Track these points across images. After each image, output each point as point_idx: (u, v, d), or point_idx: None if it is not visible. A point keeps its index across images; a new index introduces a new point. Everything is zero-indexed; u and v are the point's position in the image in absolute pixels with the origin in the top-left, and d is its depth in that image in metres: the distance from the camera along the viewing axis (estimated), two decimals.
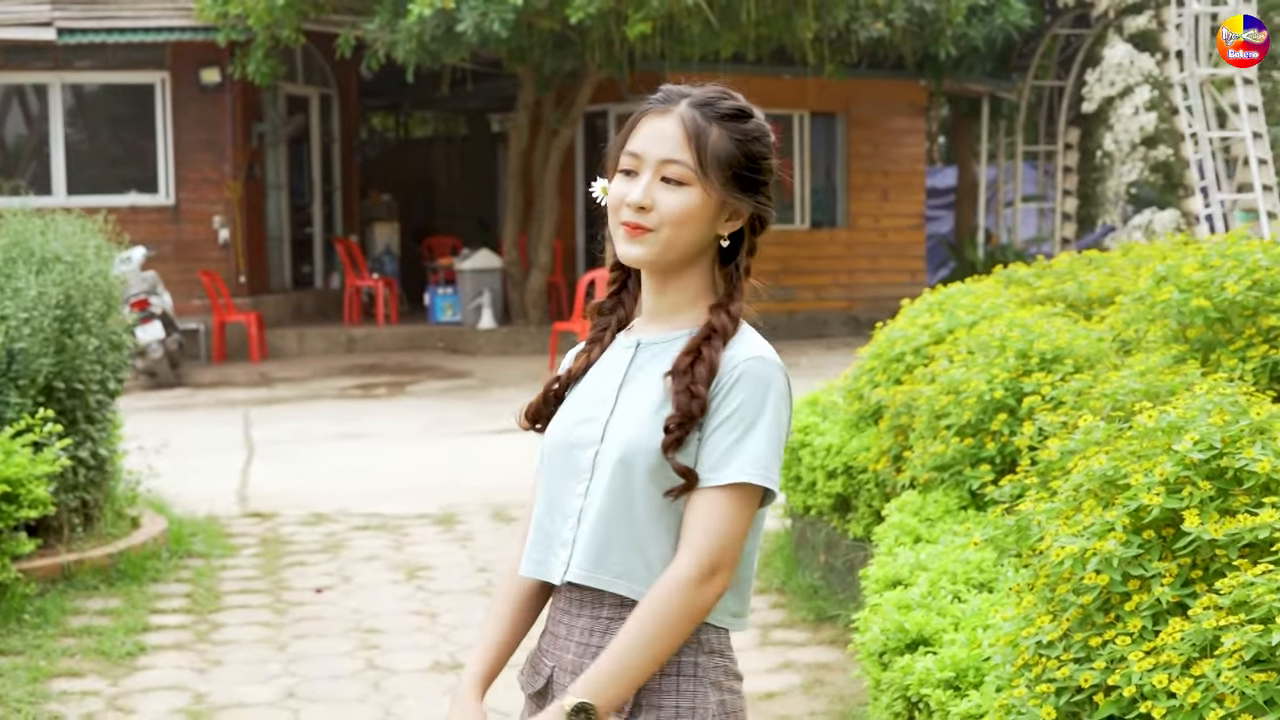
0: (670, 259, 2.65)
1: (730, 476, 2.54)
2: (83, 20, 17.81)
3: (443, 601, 7.50)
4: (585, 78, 18.16)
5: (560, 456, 2.69)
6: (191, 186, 18.91)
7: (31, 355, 7.66)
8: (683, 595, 2.52)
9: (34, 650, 6.64)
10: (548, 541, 2.69)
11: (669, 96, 2.73)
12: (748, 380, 2.59)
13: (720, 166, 2.63)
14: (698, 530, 2.54)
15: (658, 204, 2.62)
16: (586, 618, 2.65)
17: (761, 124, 2.73)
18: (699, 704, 2.59)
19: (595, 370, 2.76)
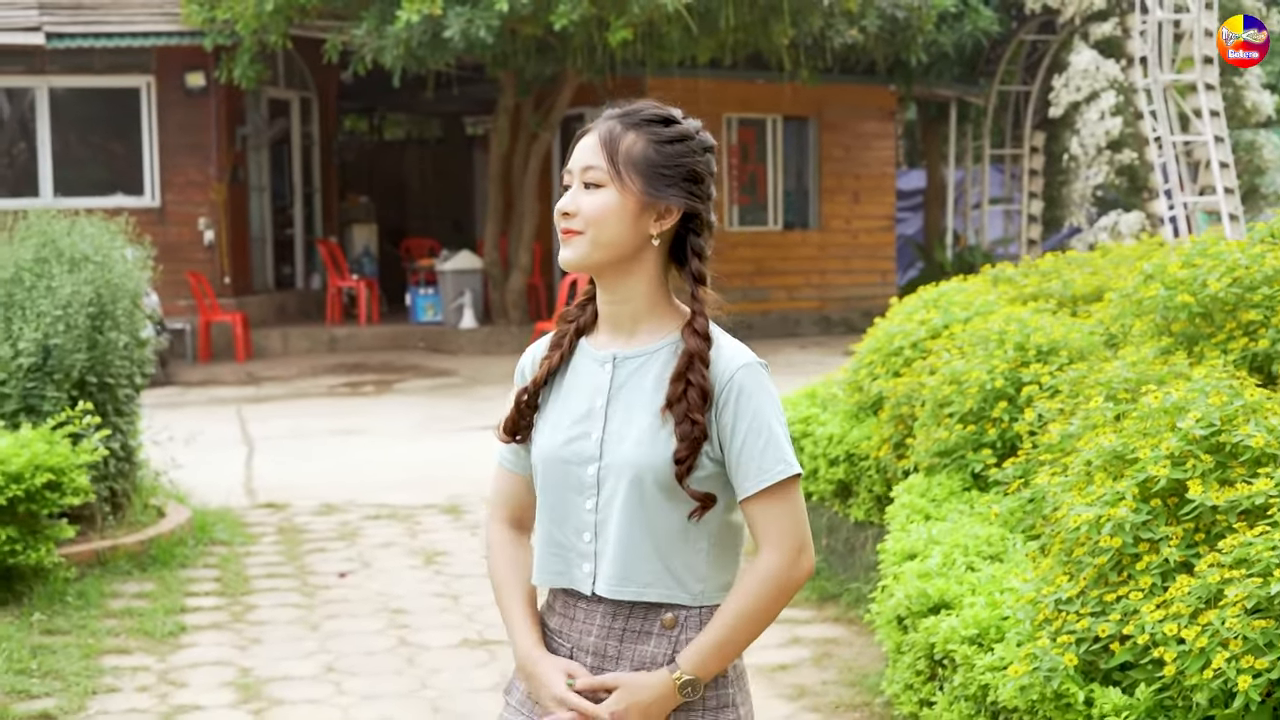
0: (600, 259, 2.80)
1: (779, 475, 2.74)
2: (71, 25, 18.10)
3: (463, 584, 7.89)
4: (565, 82, 18.55)
5: (558, 472, 2.83)
6: (177, 189, 19.21)
7: (66, 351, 8.01)
8: (781, 579, 2.74)
9: (80, 630, 6.99)
10: (563, 554, 2.84)
11: (604, 117, 2.87)
12: (750, 389, 2.78)
13: (634, 166, 2.77)
14: (772, 528, 2.75)
15: (580, 207, 2.79)
16: (603, 622, 2.81)
17: (684, 128, 2.84)
18: (727, 672, 2.81)
19: (571, 383, 2.88)
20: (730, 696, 2.82)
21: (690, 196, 2.81)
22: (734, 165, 20.92)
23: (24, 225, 8.90)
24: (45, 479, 7.17)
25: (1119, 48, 20.93)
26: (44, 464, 7.19)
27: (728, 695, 2.81)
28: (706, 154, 2.86)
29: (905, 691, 4.80)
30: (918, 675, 4.69)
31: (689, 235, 2.83)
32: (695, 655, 2.75)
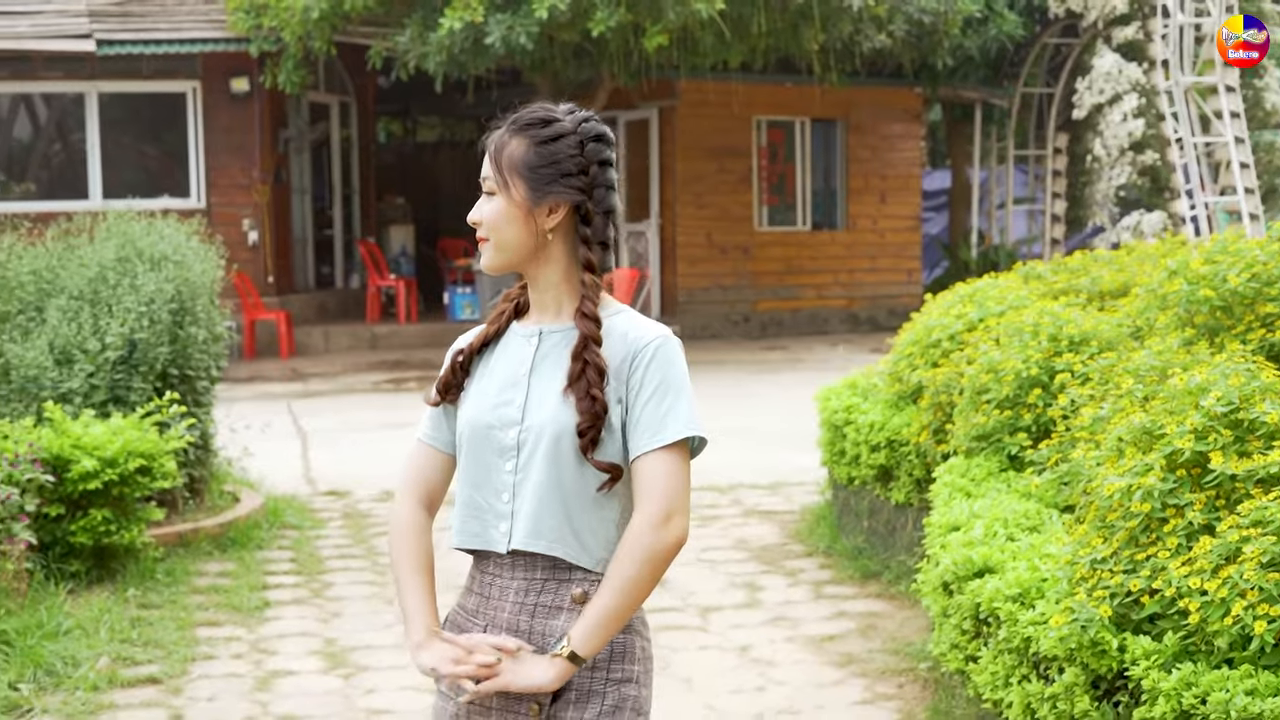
0: (510, 260, 2.96)
1: (672, 436, 2.85)
2: (120, 33, 18.63)
3: None
4: (600, 86, 19.03)
5: (481, 436, 2.96)
6: (221, 191, 19.73)
7: (150, 345, 8.51)
8: (646, 543, 2.83)
9: (172, 605, 7.49)
10: (481, 515, 2.97)
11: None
12: (662, 357, 2.89)
13: (515, 170, 2.92)
14: (649, 487, 2.85)
15: (483, 216, 2.96)
16: (521, 579, 2.93)
17: (563, 126, 2.94)
18: (628, 649, 2.92)
19: (501, 355, 3.03)
20: (634, 673, 2.92)
21: (574, 190, 2.92)
22: (763, 166, 21.40)
23: (104, 227, 9.41)
24: (137, 464, 7.68)
25: (1141, 51, 21.38)
26: (136, 450, 7.70)
27: (632, 671, 2.91)
28: (595, 143, 2.96)
29: (951, 650, 5.26)
30: (963, 634, 5.15)
31: (579, 225, 2.95)
32: (577, 630, 2.84)
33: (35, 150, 20.31)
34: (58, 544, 7.62)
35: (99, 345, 8.42)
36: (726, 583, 7.99)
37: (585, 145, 2.95)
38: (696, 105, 20.46)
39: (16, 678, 6.27)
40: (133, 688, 6.36)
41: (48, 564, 7.50)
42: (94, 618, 7.05)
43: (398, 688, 6.40)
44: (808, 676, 6.50)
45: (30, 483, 7.31)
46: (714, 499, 10.01)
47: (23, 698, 6.13)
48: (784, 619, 7.33)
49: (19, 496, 7.14)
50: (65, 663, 6.48)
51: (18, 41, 18.47)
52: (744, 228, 21.15)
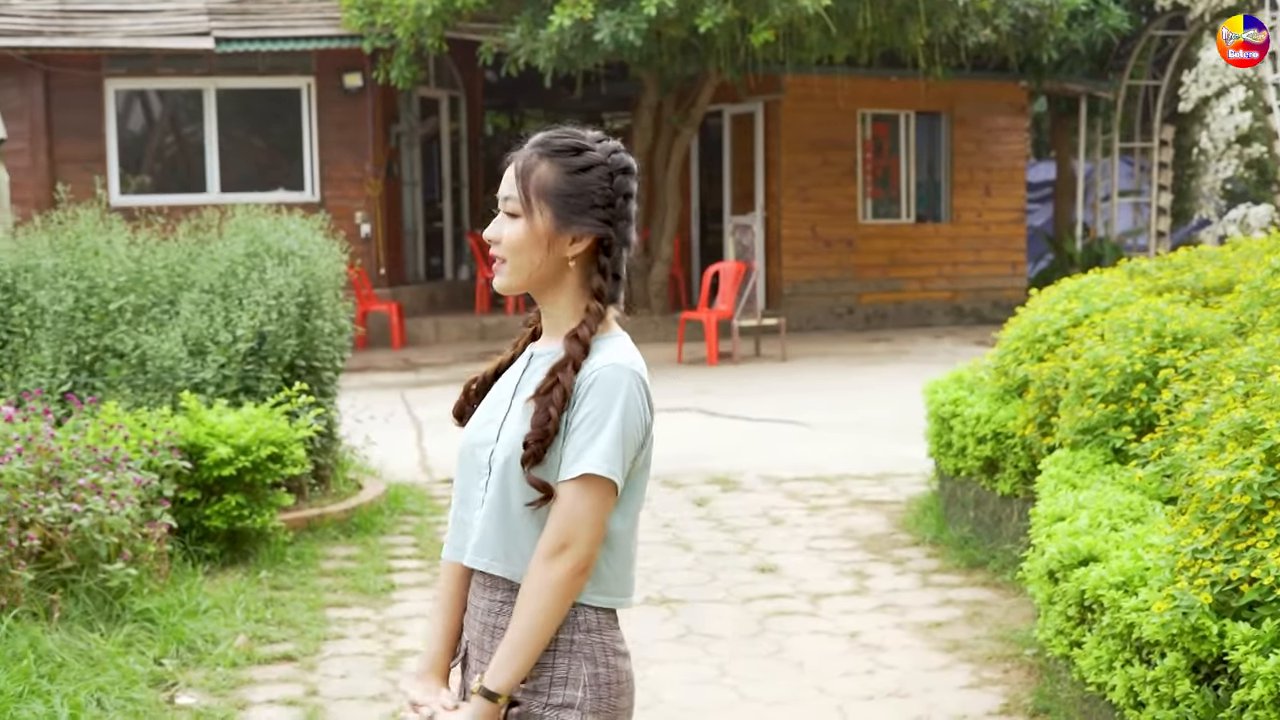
0: (522, 284, 2.98)
1: (579, 469, 2.85)
2: (238, 30, 19.10)
3: (639, 550, 8.62)
4: (706, 81, 19.25)
5: (468, 454, 3.03)
6: (335, 184, 20.17)
7: (279, 337, 8.85)
8: (538, 573, 2.86)
9: (302, 586, 7.83)
10: (462, 529, 3.04)
11: (527, 144, 3.01)
12: (600, 385, 2.88)
13: (545, 196, 2.92)
14: (552, 517, 2.87)
15: (502, 236, 2.97)
16: (486, 600, 2.99)
17: (595, 156, 2.95)
18: (571, 674, 2.91)
19: (504, 376, 3.10)
20: (576, 699, 2.91)
21: (601, 223, 2.95)
22: (868, 160, 21.53)
23: (232, 223, 9.78)
24: (269, 451, 8.02)
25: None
26: (267, 438, 8.04)
27: (574, 697, 2.91)
28: (623, 176, 2.98)
29: (1057, 636, 5.46)
30: (1068, 621, 5.35)
31: (599, 254, 2.98)
32: (491, 666, 2.90)
33: (149, 144, 20.82)
34: (194, 527, 7.98)
35: (230, 337, 8.77)
36: (835, 570, 8.21)
37: (615, 177, 2.96)
38: (802, 99, 20.63)
39: (161, 653, 6.62)
40: (269, 664, 6.69)
41: (185, 546, 7.86)
42: (230, 598, 7.40)
43: None
44: (916, 661, 6.71)
45: (168, 469, 7.68)
46: (822, 489, 10.23)
47: (168, 672, 6.47)
48: (892, 606, 7.54)
49: (158, 482, 7.50)
50: (205, 640, 6.82)
51: (139, 40, 18.99)
52: (848, 221, 21.29)
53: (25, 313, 8.84)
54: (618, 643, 2.99)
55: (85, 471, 7.06)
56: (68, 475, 7.02)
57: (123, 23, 19.27)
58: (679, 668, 6.67)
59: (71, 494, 6.92)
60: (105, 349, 8.79)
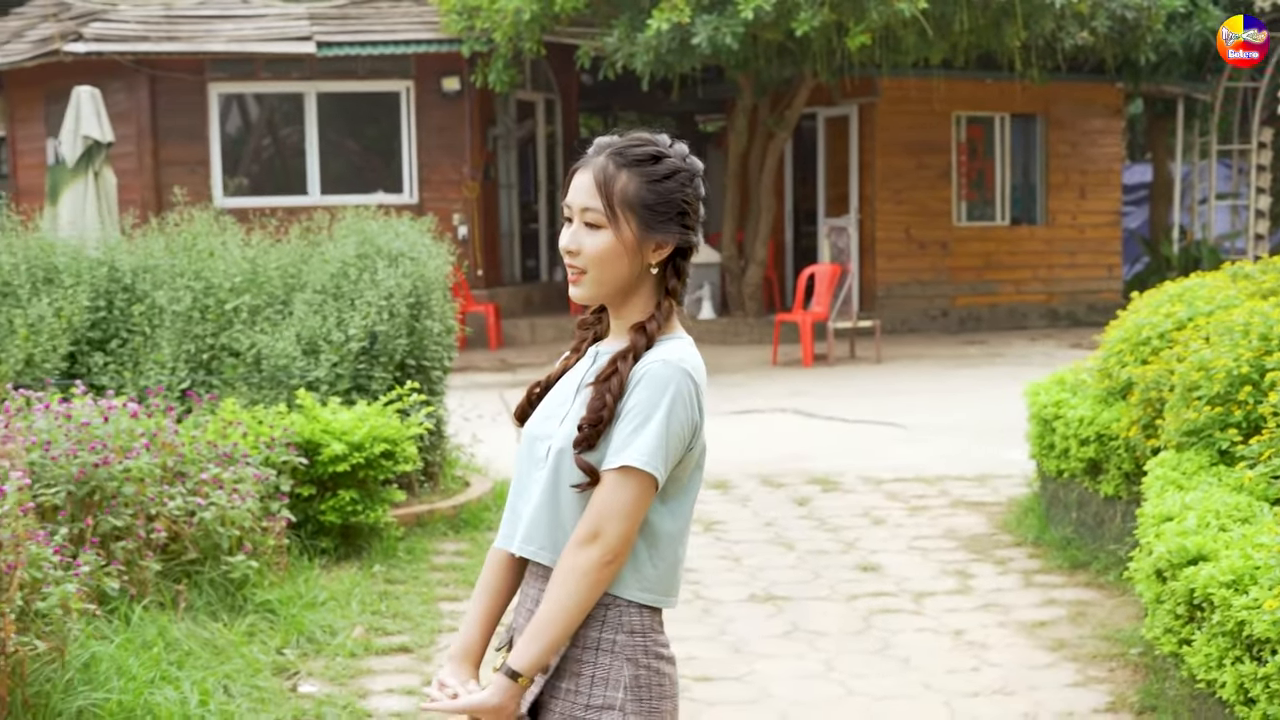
0: (606, 293, 3.00)
1: (620, 460, 2.87)
2: (339, 35, 19.40)
3: (742, 549, 8.77)
4: (801, 84, 19.32)
5: (527, 446, 3.07)
6: (433, 186, 20.43)
7: (390, 337, 9.05)
8: (568, 558, 2.88)
9: (414, 580, 8.01)
10: (514, 519, 3.07)
11: (596, 150, 3.03)
12: (649, 380, 2.91)
13: (629, 207, 2.94)
14: (590, 504, 2.90)
15: (582, 247, 2.97)
16: (536, 589, 3.01)
17: (674, 163, 2.99)
18: (612, 675, 2.92)
19: (568, 375, 3.11)
20: (617, 701, 2.92)
21: (682, 229, 3.00)
22: (962, 162, 21.52)
23: (342, 225, 9.98)
24: (381, 449, 8.21)
25: None
26: (380, 435, 8.23)
27: (615, 699, 2.93)
28: (694, 181, 3.03)
29: (1165, 634, 5.53)
30: (1177, 619, 5.42)
31: (675, 259, 3.04)
32: (517, 646, 2.93)
33: (247, 147, 21.16)
34: (309, 522, 8.18)
35: (343, 337, 8.97)
36: (938, 570, 8.29)
37: (693, 181, 3.02)
38: (897, 102, 20.65)
39: (282, 643, 6.82)
40: (386, 655, 6.87)
41: (301, 540, 8.06)
42: (345, 591, 7.59)
43: None
44: (1020, 659, 6.79)
45: (285, 465, 7.88)
46: (921, 490, 10.31)
47: (289, 661, 6.67)
48: (995, 605, 7.62)
49: (276, 477, 7.71)
50: (324, 631, 7.01)
51: (242, 44, 19.33)
52: (942, 223, 21.30)
53: (145, 312, 9.08)
54: (661, 646, 3.00)
55: (207, 466, 7.28)
56: (190, 470, 7.24)
57: (226, 28, 19.63)
58: (786, 663, 6.78)
59: (195, 488, 7.13)
60: (222, 348, 9.01)
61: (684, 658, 6.82)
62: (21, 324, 8.80)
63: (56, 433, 6.87)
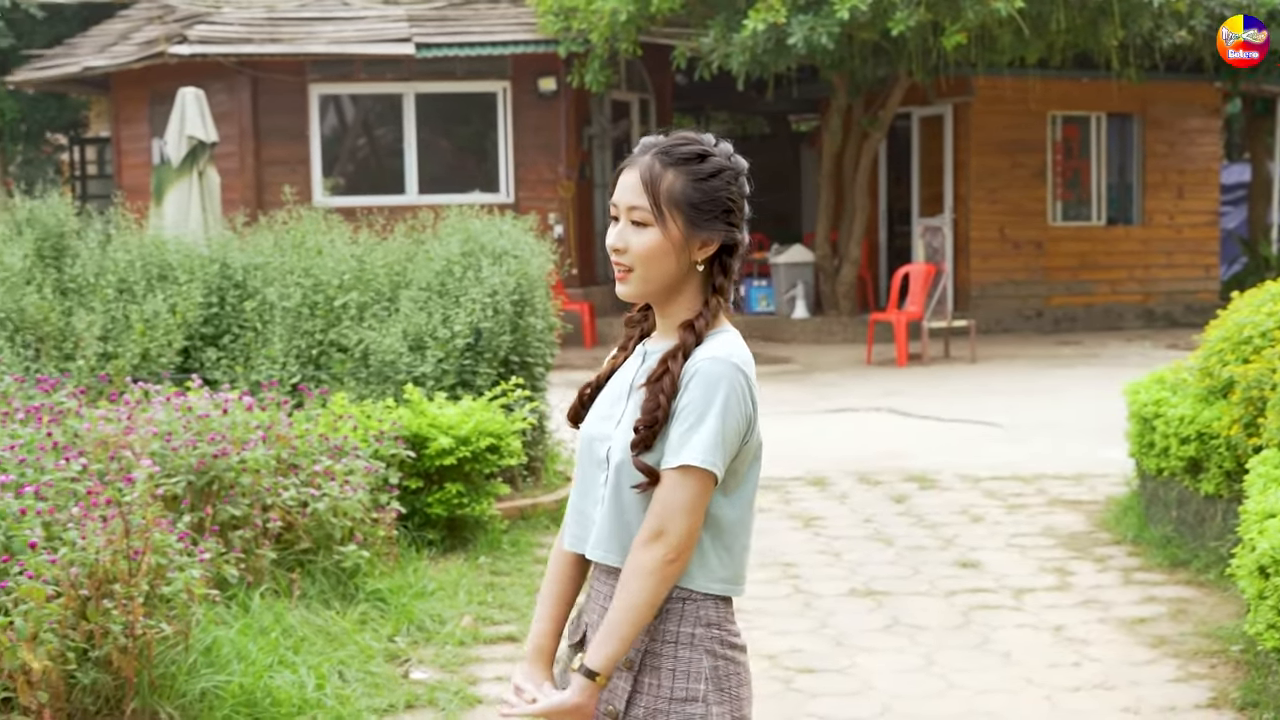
0: (652, 291, 3.03)
1: (679, 460, 2.92)
2: (438, 36, 19.63)
3: (841, 544, 8.85)
4: (896, 83, 19.35)
5: (586, 448, 3.12)
6: (529, 186, 20.62)
7: (494, 334, 9.21)
8: (635, 558, 2.94)
9: (518, 572, 8.16)
10: (583, 521, 3.12)
11: (642, 149, 3.05)
12: (701, 378, 2.94)
13: (675, 205, 2.97)
14: (653, 503, 2.94)
15: (629, 245, 2.99)
16: (607, 587, 3.06)
17: (720, 162, 3.01)
18: (693, 667, 2.99)
19: (619, 373, 3.15)
20: (699, 693, 2.98)
21: (728, 227, 3.03)
22: (1058, 162, 21.45)
23: (446, 223, 10.16)
24: (487, 443, 8.37)
25: None
26: (486, 430, 8.39)
27: (698, 691, 2.98)
28: (739, 179, 3.06)
29: (1268, 630, 5.57)
30: None
31: (721, 256, 3.07)
32: (592, 644, 2.98)
33: (343, 147, 21.44)
34: (416, 514, 8.35)
35: (448, 333, 9.14)
36: (1037, 567, 8.34)
37: (738, 179, 3.05)
38: (992, 101, 20.62)
39: (393, 631, 6.98)
40: (494, 644, 7.03)
41: (409, 532, 8.23)
42: (453, 581, 7.75)
43: None
44: (1121, 655, 6.84)
45: (394, 458, 8.05)
46: (1019, 488, 10.34)
47: (400, 649, 6.83)
48: (1095, 602, 7.66)
49: (385, 470, 7.88)
50: (433, 620, 7.17)
51: (343, 46, 19.60)
52: (1037, 223, 21.24)
53: (256, 308, 9.30)
54: (734, 636, 3.06)
55: (319, 459, 7.46)
56: (303, 462, 7.41)
57: (327, 29, 19.91)
58: (887, 657, 6.86)
59: (307, 480, 7.31)
60: (330, 343, 9.21)
61: (787, 650, 6.93)
62: (138, 320, 9.04)
63: (176, 424, 7.08)
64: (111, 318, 9.15)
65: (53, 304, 9.09)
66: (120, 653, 5.41)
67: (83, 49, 21.74)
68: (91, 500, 5.76)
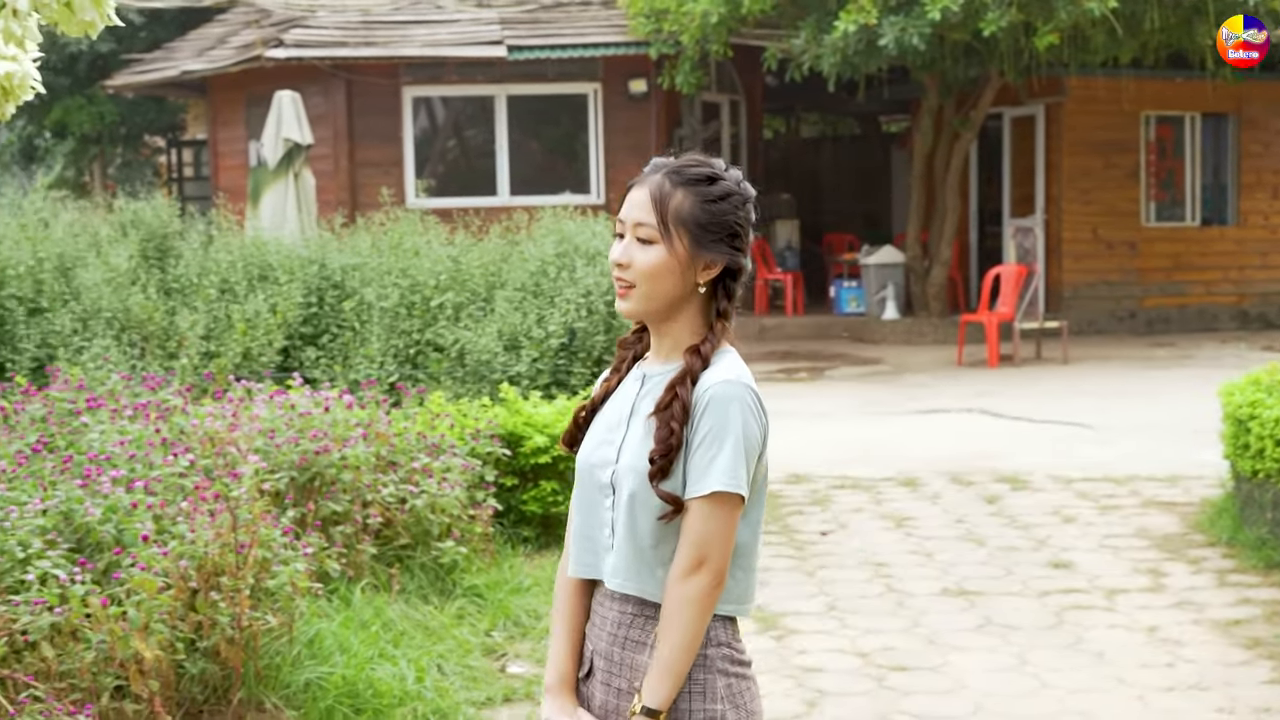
0: (653, 309, 3.03)
1: (707, 487, 2.91)
2: (530, 38, 19.79)
3: (933, 544, 8.88)
4: (987, 84, 19.28)
5: (587, 474, 3.09)
6: (619, 187, 20.59)
7: (588, 333, 9.32)
8: (675, 594, 2.93)
9: None
10: (592, 547, 3.08)
11: (653, 168, 3.08)
12: (715, 404, 2.93)
13: (683, 225, 2.98)
14: (685, 535, 2.93)
15: (633, 261, 3.00)
16: (616, 612, 3.05)
17: (729, 186, 3.04)
18: (709, 688, 2.98)
19: (614, 397, 3.14)
20: (717, 712, 2.99)
21: (732, 251, 3.04)
22: (1151, 162, 21.28)
23: (540, 225, 10.28)
24: None
25: None
26: None
27: (715, 710, 2.99)
28: (747, 205, 3.08)
29: None
30: None
31: (725, 280, 3.07)
32: (646, 684, 2.98)
33: (434, 148, 21.64)
34: (511, 511, 8.47)
35: (543, 333, 9.26)
36: (1130, 568, 8.33)
37: (745, 205, 3.07)
38: (1084, 101, 20.50)
39: (490, 626, 7.10)
40: None
41: (504, 529, 8.35)
42: (548, 577, 7.84)
43: (826, 649, 6.99)
44: (1215, 656, 6.83)
45: (489, 455, 8.17)
46: (1111, 489, 10.32)
47: (497, 643, 6.95)
48: (1189, 603, 7.65)
49: (481, 467, 8.00)
50: (528, 615, 7.28)
51: (436, 49, 19.80)
52: (1130, 223, 21.09)
53: (354, 308, 9.45)
54: (740, 653, 3.06)
55: (417, 456, 7.59)
56: (401, 459, 7.55)
57: (420, 33, 20.12)
58: (980, 656, 6.90)
59: (406, 476, 7.45)
60: (427, 343, 9.35)
61: (879, 648, 6.98)
62: (239, 319, 9.21)
63: (278, 422, 7.24)
64: (214, 317, 9.34)
65: (157, 304, 9.29)
66: (227, 643, 5.56)
67: (181, 53, 22.08)
68: (200, 495, 5.92)
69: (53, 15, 2.89)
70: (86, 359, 8.47)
